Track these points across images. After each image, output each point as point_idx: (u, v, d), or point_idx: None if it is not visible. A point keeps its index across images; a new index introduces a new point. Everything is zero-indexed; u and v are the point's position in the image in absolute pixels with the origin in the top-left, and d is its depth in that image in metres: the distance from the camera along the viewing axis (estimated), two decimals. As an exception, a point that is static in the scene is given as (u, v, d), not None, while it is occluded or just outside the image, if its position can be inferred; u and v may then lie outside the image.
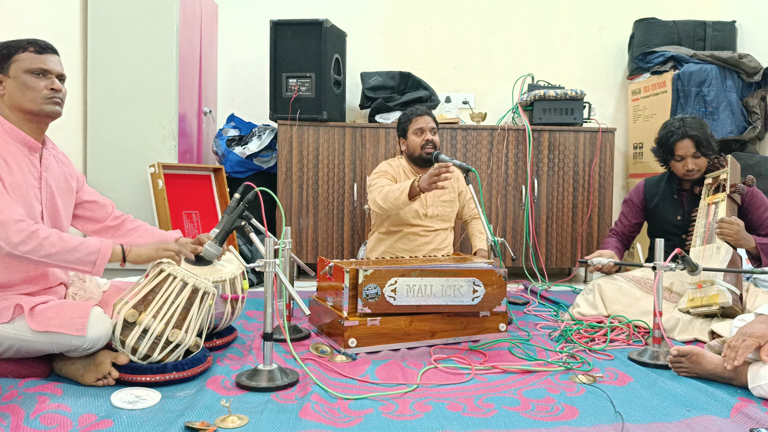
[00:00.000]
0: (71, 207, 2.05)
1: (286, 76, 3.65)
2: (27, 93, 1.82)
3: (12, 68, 1.82)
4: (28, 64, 1.82)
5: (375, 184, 2.98)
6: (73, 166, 2.08)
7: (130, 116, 3.54)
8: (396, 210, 2.89)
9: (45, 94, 1.83)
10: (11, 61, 1.82)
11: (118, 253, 1.87)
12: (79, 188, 2.08)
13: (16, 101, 1.83)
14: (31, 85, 1.82)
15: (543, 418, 1.66)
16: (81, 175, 2.11)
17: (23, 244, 1.70)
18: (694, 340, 2.40)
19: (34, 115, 1.85)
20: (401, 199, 2.77)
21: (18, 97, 1.82)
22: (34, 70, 1.83)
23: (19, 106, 1.83)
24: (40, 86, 1.83)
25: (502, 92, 4.34)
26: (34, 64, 1.83)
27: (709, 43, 4.06)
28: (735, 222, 2.48)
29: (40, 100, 1.83)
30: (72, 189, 2.03)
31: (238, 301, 2.21)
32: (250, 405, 1.69)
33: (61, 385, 1.78)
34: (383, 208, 2.87)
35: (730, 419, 1.65)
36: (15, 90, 1.82)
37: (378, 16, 4.41)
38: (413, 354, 2.23)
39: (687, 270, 2.19)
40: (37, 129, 1.89)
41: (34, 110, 1.84)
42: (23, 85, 1.82)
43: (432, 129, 3.03)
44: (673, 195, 2.82)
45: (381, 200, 2.86)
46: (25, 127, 1.86)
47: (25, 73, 1.82)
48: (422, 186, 2.70)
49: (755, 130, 3.76)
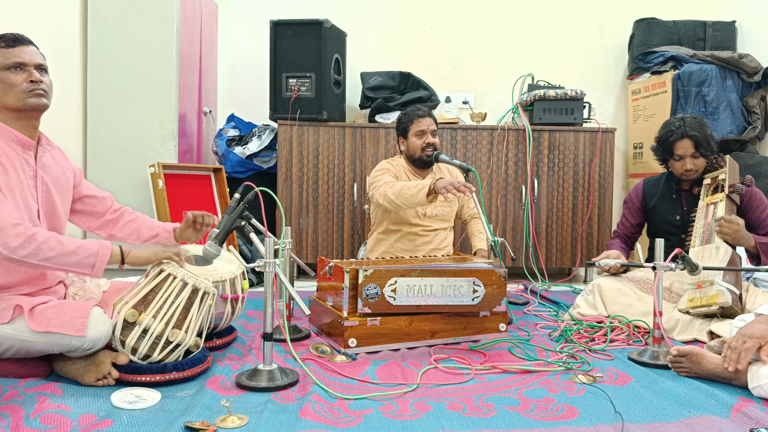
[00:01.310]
0: (69, 203, 2.03)
1: (286, 76, 3.65)
2: (8, 91, 1.78)
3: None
4: (2, 60, 1.78)
5: (380, 180, 2.94)
6: (69, 161, 2.06)
7: (130, 116, 3.54)
8: (408, 207, 2.83)
9: (25, 88, 1.79)
10: None
11: (117, 255, 1.84)
12: (77, 183, 2.06)
13: (0, 100, 1.79)
14: (10, 82, 1.78)
15: (543, 418, 1.66)
16: (78, 170, 2.09)
17: (21, 249, 1.69)
18: (694, 340, 2.40)
19: (20, 112, 1.81)
20: (418, 197, 2.69)
21: (0, 97, 1.79)
22: (9, 65, 1.78)
23: (4, 105, 1.80)
24: (18, 81, 1.78)
25: (502, 92, 4.34)
26: (8, 59, 1.78)
27: (709, 43, 4.06)
28: (735, 220, 2.48)
29: (22, 95, 1.79)
30: (69, 185, 2.02)
31: (238, 301, 2.21)
32: (250, 405, 1.69)
33: (61, 385, 1.78)
34: (394, 203, 2.80)
35: (730, 419, 1.65)
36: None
37: (378, 16, 4.41)
38: (413, 354, 2.23)
39: (687, 270, 2.19)
40: (28, 125, 1.85)
41: (18, 107, 1.80)
42: (2, 83, 1.78)
43: (433, 131, 3.03)
44: (672, 195, 2.82)
45: (393, 195, 2.78)
46: (16, 125, 1.83)
47: (1, 71, 1.78)
48: (437, 187, 2.63)
49: (755, 130, 3.76)
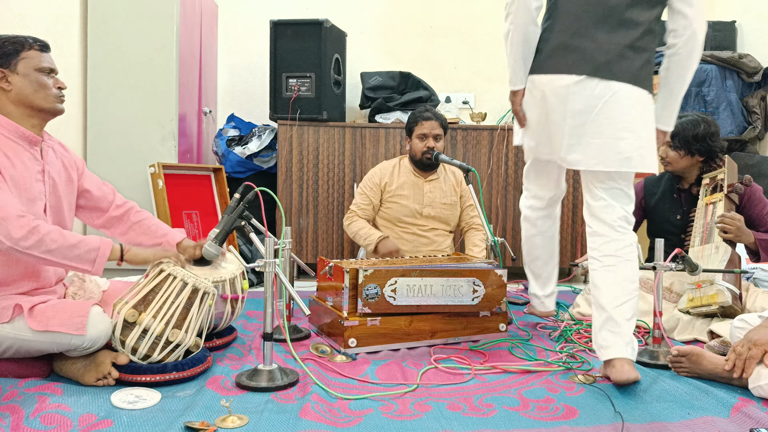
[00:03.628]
0: (74, 198, 2.05)
1: (286, 76, 3.65)
2: (40, 91, 1.86)
3: (21, 65, 1.84)
4: (37, 62, 1.86)
5: (352, 204, 3.17)
6: (71, 152, 2.08)
7: (130, 116, 3.54)
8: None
9: (56, 93, 1.89)
10: (19, 58, 1.84)
11: (117, 251, 1.88)
12: (80, 176, 2.07)
13: (26, 98, 1.84)
14: (43, 83, 1.86)
15: (543, 418, 1.66)
16: (81, 161, 2.11)
17: (24, 240, 1.71)
18: (694, 340, 2.40)
19: (43, 112, 1.88)
20: (368, 249, 3.03)
21: (29, 95, 1.84)
22: (44, 68, 1.87)
23: (30, 103, 1.85)
24: (50, 84, 1.88)
25: (502, 92, 4.34)
26: (43, 63, 1.88)
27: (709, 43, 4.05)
28: (736, 217, 2.49)
29: (53, 98, 1.89)
30: (73, 179, 2.03)
31: (238, 301, 2.21)
32: (250, 405, 1.69)
33: (61, 385, 1.78)
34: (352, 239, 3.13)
35: (730, 419, 1.65)
36: (26, 87, 1.84)
37: (378, 16, 4.41)
38: (413, 354, 2.23)
39: (687, 270, 2.19)
40: (38, 124, 1.90)
41: (45, 107, 1.87)
42: (36, 83, 1.85)
43: (436, 135, 3.03)
44: (672, 194, 2.82)
45: (351, 234, 3.12)
46: (27, 123, 1.87)
47: (36, 71, 1.85)
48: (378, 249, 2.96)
49: (755, 130, 3.76)
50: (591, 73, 1.94)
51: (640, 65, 1.96)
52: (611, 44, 1.95)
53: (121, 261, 1.91)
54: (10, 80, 1.83)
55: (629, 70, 1.94)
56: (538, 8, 2.05)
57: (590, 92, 1.94)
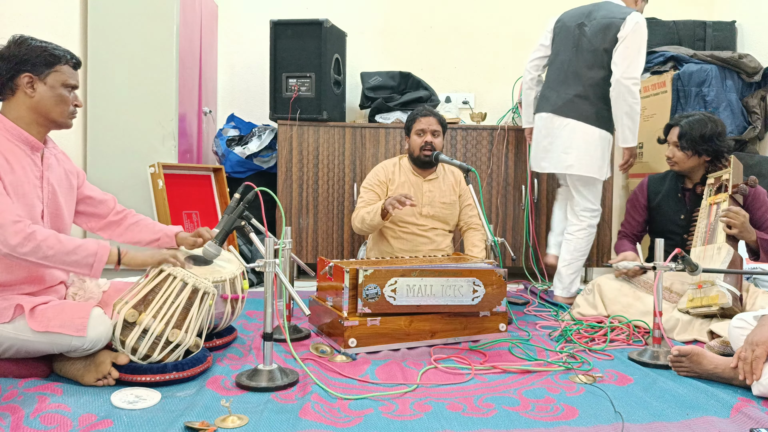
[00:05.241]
0: (73, 205, 2.05)
1: (286, 76, 3.65)
2: (60, 105, 1.88)
3: (51, 77, 1.85)
4: (67, 78, 1.88)
5: (359, 201, 3.09)
6: (72, 163, 2.09)
7: (130, 116, 3.54)
8: (373, 230, 3.04)
9: (72, 110, 1.92)
10: (53, 70, 1.85)
11: (114, 255, 1.87)
12: (80, 184, 2.08)
13: (45, 109, 1.86)
14: (63, 99, 1.88)
15: (543, 418, 1.66)
16: (81, 172, 2.12)
17: (21, 246, 1.71)
18: (694, 341, 2.40)
19: (54, 124, 1.91)
20: (376, 220, 2.90)
21: (49, 107, 1.86)
22: (71, 85, 1.90)
23: (47, 114, 1.87)
24: (69, 101, 1.90)
25: (502, 92, 4.34)
26: (71, 80, 1.90)
27: (709, 43, 4.06)
28: (741, 212, 2.49)
29: (68, 114, 1.91)
30: (73, 186, 2.04)
31: (238, 301, 2.21)
32: (250, 405, 1.69)
33: (61, 385, 1.78)
34: (362, 230, 3.02)
35: (730, 419, 1.65)
36: (49, 99, 1.85)
37: (378, 16, 4.41)
38: (413, 354, 2.23)
39: (687, 270, 2.19)
40: (44, 132, 1.92)
41: (58, 121, 1.90)
42: (59, 97, 1.87)
43: (434, 131, 3.02)
44: (677, 194, 2.82)
45: (359, 223, 3.01)
46: (33, 130, 1.88)
47: (62, 86, 1.87)
48: (385, 204, 2.83)
49: (755, 130, 3.76)
50: (553, 112, 3.07)
51: (587, 107, 2.98)
52: (566, 94, 3.03)
53: (119, 265, 1.90)
54: (35, 87, 1.84)
55: (577, 110, 2.99)
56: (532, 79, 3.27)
57: (551, 123, 3.08)
